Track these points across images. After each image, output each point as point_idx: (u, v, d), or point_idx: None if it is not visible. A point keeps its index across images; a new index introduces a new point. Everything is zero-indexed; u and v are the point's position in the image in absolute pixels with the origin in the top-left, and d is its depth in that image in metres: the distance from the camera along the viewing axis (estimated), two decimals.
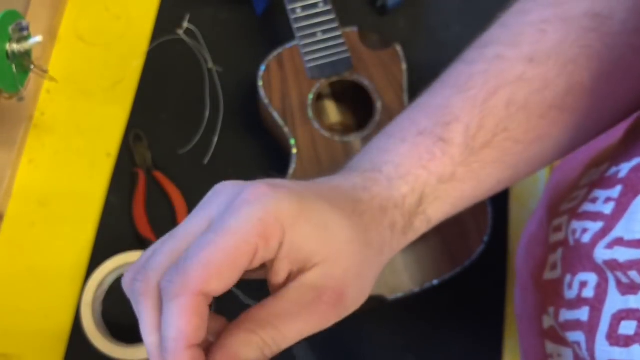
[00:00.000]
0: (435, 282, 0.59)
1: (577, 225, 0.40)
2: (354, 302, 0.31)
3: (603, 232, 0.37)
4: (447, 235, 0.60)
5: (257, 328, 0.29)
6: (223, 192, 0.32)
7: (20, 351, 0.61)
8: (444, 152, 0.36)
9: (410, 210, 0.35)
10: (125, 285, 0.31)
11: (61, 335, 0.61)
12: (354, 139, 0.62)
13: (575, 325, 0.38)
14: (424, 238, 0.37)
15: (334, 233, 0.31)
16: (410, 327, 0.63)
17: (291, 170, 0.61)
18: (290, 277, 0.31)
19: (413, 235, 0.36)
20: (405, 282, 0.59)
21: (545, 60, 0.37)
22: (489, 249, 0.60)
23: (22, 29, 0.56)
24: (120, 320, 0.62)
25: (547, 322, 0.44)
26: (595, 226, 0.38)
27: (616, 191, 0.37)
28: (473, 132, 0.36)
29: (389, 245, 0.34)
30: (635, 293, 0.33)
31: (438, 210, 0.36)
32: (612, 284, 0.35)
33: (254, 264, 0.29)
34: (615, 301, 0.35)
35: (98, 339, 0.59)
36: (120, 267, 0.62)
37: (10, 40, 0.55)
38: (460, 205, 0.38)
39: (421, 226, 0.36)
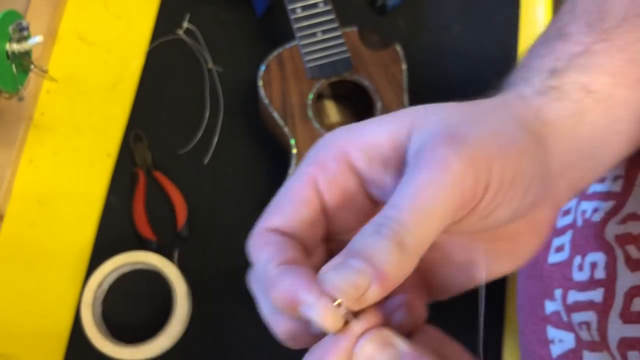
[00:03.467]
0: None
1: (586, 205, 0.40)
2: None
3: (615, 210, 0.36)
4: None
5: (390, 214, 0.24)
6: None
7: (20, 351, 0.61)
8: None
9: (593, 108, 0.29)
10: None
11: (61, 335, 0.61)
12: None
13: (587, 306, 0.38)
14: None
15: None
16: None
17: (291, 170, 0.61)
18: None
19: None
20: None
21: None
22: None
23: (22, 29, 0.56)
24: (120, 320, 0.62)
25: (550, 307, 0.44)
26: (606, 205, 0.38)
27: (622, 169, 0.37)
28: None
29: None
30: None
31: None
32: (620, 261, 0.35)
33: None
34: (625, 279, 0.35)
35: (98, 339, 0.59)
36: (120, 267, 0.62)
37: (10, 40, 0.55)
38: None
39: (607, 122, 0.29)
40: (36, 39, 0.57)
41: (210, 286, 0.63)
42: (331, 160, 0.27)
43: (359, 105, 0.67)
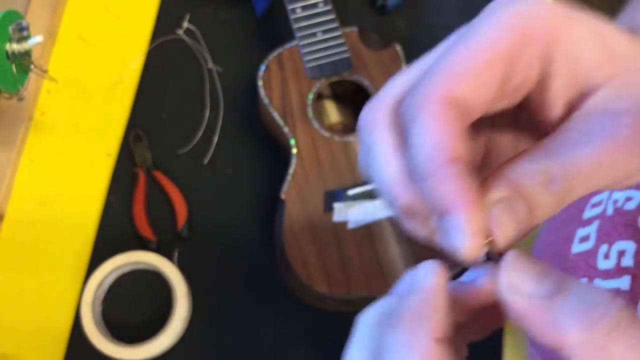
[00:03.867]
0: None
1: (619, 195, 0.39)
2: None
3: None
4: None
5: (545, 157, 0.22)
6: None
7: (20, 351, 0.61)
8: None
9: None
10: (359, 124, 0.25)
11: (61, 335, 0.61)
12: (354, 139, 0.62)
13: (614, 294, 0.37)
14: None
15: (615, 43, 0.23)
16: None
17: (291, 170, 0.61)
18: (571, 111, 0.24)
19: None
20: None
21: None
22: (488, 248, 0.60)
23: (22, 29, 0.56)
24: (120, 320, 0.62)
25: None
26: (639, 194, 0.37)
27: None
28: None
29: None
30: None
31: None
32: None
33: (515, 82, 0.23)
34: None
35: (98, 339, 0.59)
36: (120, 267, 0.62)
37: (10, 40, 0.55)
38: None
39: None
40: (36, 39, 0.57)
41: (210, 286, 0.63)
42: (535, 44, 0.22)
43: (359, 105, 0.66)
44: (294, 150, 0.62)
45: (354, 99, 0.67)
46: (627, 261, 0.36)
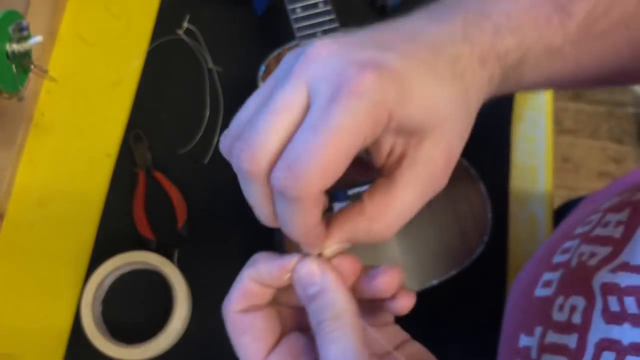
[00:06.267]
0: (435, 282, 0.59)
1: (586, 248, 0.40)
2: (458, 157, 0.32)
3: (610, 256, 0.36)
4: (447, 235, 0.60)
5: (377, 217, 0.30)
6: (319, 62, 0.28)
7: (20, 351, 0.61)
8: (562, 24, 0.33)
9: (509, 65, 0.33)
10: (225, 149, 0.31)
11: (61, 335, 0.61)
12: None
13: (562, 350, 0.37)
14: (424, 237, 0.38)
15: (438, 104, 0.29)
16: (409, 327, 0.63)
17: None
18: (393, 155, 0.31)
19: (504, 89, 0.34)
20: (405, 282, 0.59)
21: None
22: (489, 249, 0.60)
23: (22, 29, 0.56)
24: (120, 320, 0.62)
25: (524, 341, 0.43)
26: (603, 250, 0.37)
27: (625, 214, 0.37)
28: (597, 16, 0.34)
29: (483, 95, 0.33)
30: (620, 324, 0.33)
31: (532, 78, 0.34)
32: (598, 309, 0.35)
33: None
34: (598, 329, 0.34)
35: (98, 339, 0.59)
36: (120, 267, 0.62)
37: (10, 40, 0.55)
38: (550, 82, 0.36)
39: (513, 84, 0.34)
40: (36, 39, 0.57)
41: (210, 286, 0.63)
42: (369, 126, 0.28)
43: None
44: None
45: None
46: (577, 318, 0.37)
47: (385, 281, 0.30)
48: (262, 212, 0.30)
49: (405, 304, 0.32)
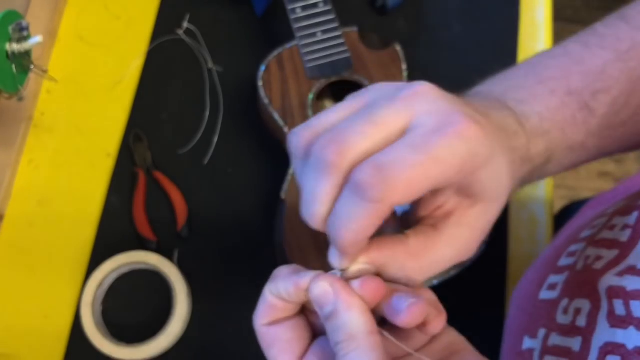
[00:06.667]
0: (435, 282, 0.59)
1: (592, 252, 0.40)
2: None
3: (617, 260, 0.36)
4: None
5: (415, 259, 0.31)
6: (429, 99, 0.30)
7: (20, 351, 0.61)
8: (585, 121, 0.35)
9: (536, 167, 0.36)
10: (303, 140, 0.31)
11: (61, 335, 0.61)
12: None
13: (565, 353, 0.37)
14: None
15: (504, 179, 0.31)
16: None
17: (291, 170, 0.61)
18: (443, 208, 0.32)
19: (523, 184, 0.37)
20: None
21: None
22: (489, 249, 0.60)
23: (22, 29, 0.56)
24: (120, 320, 0.62)
25: (527, 344, 0.43)
26: (610, 254, 0.37)
27: (633, 217, 0.37)
28: (618, 108, 0.35)
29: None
30: (624, 327, 0.33)
31: (553, 171, 0.37)
32: (603, 313, 0.35)
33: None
34: (603, 332, 0.34)
35: (98, 339, 0.59)
36: (120, 267, 0.62)
37: (10, 40, 0.55)
38: (569, 167, 0.38)
39: (533, 180, 0.37)
40: (36, 39, 0.57)
41: (210, 286, 0.63)
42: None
43: None
44: None
45: None
46: (581, 321, 0.37)
47: (409, 321, 0.29)
48: (319, 208, 0.29)
49: (437, 326, 0.31)
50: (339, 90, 0.68)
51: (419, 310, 0.29)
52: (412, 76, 0.65)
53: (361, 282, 0.29)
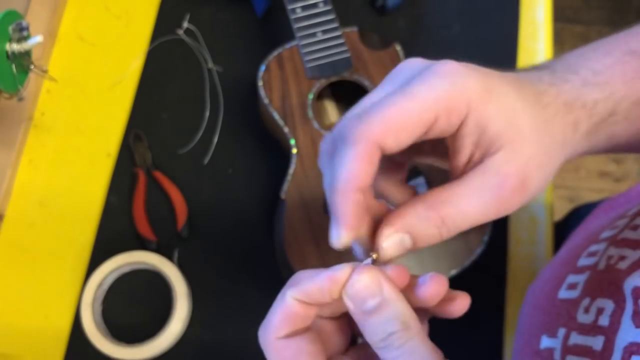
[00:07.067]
0: None
1: (614, 251, 0.40)
2: (535, 191, 0.31)
3: None
4: None
5: (438, 206, 0.30)
6: (411, 65, 0.31)
7: (20, 351, 0.61)
8: None
9: (599, 115, 0.33)
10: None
11: (61, 335, 0.61)
12: None
13: (586, 352, 0.37)
14: None
15: (519, 117, 0.30)
16: None
17: (291, 170, 0.61)
18: (472, 162, 0.31)
19: (595, 143, 0.35)
20: None
21: None
22: (489, 249, 0.60)
23: (22, 29, 0.56)
24: (120, 320, 0.62)
25: (545, 342, 0.43)
26: (634, 254, 0.37)
27: None
28: None
29: (570, 142, 0.33)
30: None
31: (624, 130, 0.35)
32: (628, 313, 0.35)
33: (431, 134, 0.30)
34: (627, 332, 0.34)
35: (98, 339, 0.59)
36: (120, 267, 0.62)
37: (10, 40, 0.55)
38: None
39: (604, 138, 0.35)
40: (36, 39, 0.57)
41: (210, 286, 0.63)
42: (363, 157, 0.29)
43: None
44: (294, 151, 0.62)
45: (354, 99, 0.67)
46: (604, 320, 0.36)
47: (434, 290, 0.29)
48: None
49: (463, 306, 0.31)
50: (339, 90, 0.68)
51: (442, 280, 0.29)
52: None
53: (393, 269, 0.29)
